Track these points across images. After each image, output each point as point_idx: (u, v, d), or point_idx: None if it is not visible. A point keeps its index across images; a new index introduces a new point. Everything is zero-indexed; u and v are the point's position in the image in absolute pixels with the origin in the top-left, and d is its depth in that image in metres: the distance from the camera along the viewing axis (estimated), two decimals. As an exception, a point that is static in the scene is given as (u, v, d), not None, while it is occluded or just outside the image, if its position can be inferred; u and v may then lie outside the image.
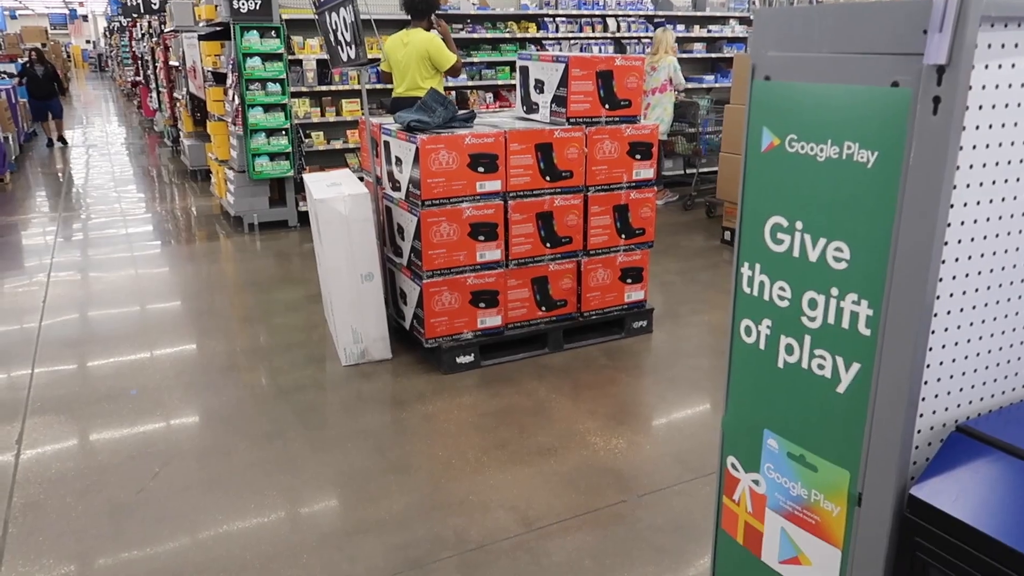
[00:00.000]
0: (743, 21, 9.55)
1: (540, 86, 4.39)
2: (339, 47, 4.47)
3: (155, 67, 12.70)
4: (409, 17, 5.87)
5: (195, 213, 8.37)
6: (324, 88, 7.33)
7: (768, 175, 1.48)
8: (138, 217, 8.20)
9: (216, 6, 7.14)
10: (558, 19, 8.42)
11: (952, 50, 1.14)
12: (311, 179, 4.63)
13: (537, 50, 8.10)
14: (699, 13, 9.31)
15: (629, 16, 8.82)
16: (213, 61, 7.45)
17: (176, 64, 10.07)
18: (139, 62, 16.58)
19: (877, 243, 1.30)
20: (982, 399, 1.43)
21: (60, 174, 10.93)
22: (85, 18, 46.33)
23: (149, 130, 15.85)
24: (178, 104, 10.49)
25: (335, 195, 4.13)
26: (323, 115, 7.40)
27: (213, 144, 7.91)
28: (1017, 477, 1.25)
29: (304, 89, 7.24)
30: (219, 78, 7.71)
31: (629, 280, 4.67)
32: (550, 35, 8.33)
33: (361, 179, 4.66)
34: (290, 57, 7.02)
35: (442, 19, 6.15)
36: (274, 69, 6.80)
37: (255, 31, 6.65)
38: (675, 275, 5.99)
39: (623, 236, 4.56)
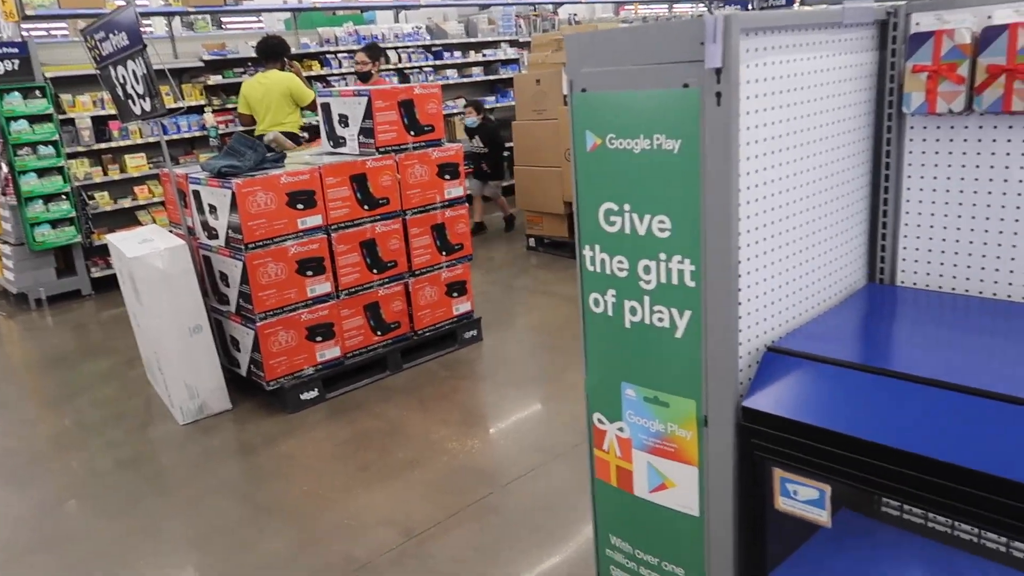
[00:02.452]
0: (513, 44, 10.20)
1: (345, 120, 4.54)
2: (130, 100, 4.35)
3: None
4: (261, 59, 6.06)
5: (-36, 297, 7.57)
6: (104, 146, 6.95)
7: (596, 170, 1.77)
8: None
9: (-35, 70, 6.56)
10: (340, 55, 8.56)
11: (724, 55, 1.49)
12: (117, 238, 4.45)
13: (323, 87, 8.18)
14: (472, 39, 9.84)
15: (408, 47, 9.15)
16: (-32, 129, 6.82)
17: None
18: None
19: (691, 211, 1.63)
20: (782, 324, 1.81)
21: None
22: None
23: None
24: (-79, 181, 9.39)
25: (150, 251, 4.03)
26: (106, 174, 7.01)
27: (-22, 219, 7.21)
28: (815, 375, 1.62)
29: (81, 149, 6.83)
30: (-24, 147, 7.06)
31: (455, 294, 4.92)
32: (335, 71, 8.45)
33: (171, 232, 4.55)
34: (61, 117, 6.61)
35: (294, 60, 6.34)
36: (44, 131, 6.37)
37: (16, 92, 6.21)
38: (492, 285, 6.33)
39: (444, 253, 4.80)
